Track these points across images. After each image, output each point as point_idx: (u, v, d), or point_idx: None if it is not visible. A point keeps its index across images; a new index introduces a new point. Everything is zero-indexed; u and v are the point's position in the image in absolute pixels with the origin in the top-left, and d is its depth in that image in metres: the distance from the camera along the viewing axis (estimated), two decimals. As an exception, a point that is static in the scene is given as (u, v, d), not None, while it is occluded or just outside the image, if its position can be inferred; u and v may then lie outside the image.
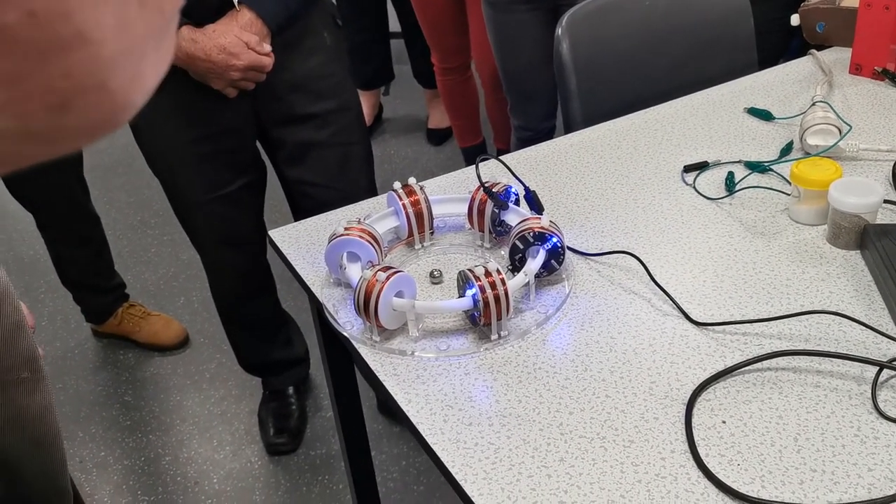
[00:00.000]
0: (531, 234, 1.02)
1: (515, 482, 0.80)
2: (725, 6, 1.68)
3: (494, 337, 0.96)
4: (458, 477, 0.81)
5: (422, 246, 1.15)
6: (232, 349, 1.99)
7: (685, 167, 1.27)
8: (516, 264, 1.04)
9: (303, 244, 1.18)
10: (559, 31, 1.55)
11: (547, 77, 2.01)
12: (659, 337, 0.96)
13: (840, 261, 1.05)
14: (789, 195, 1.15)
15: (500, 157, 1.29)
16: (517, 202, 1.13)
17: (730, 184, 1.21)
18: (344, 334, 1.01)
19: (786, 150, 1.29)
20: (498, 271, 0.95)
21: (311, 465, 1.96)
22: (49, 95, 0.26)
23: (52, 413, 1.07)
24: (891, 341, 0.92)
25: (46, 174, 1.98)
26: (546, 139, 1.43)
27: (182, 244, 2.64)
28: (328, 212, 1.26)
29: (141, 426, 2.10)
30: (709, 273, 1.05)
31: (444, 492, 1.85)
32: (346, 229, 1.05)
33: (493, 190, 1.10)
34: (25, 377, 1.01)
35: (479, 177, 1.11)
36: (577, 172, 1.30)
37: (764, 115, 1.39)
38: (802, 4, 1.61)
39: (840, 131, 1.24)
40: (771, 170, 1.25)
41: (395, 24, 3.24)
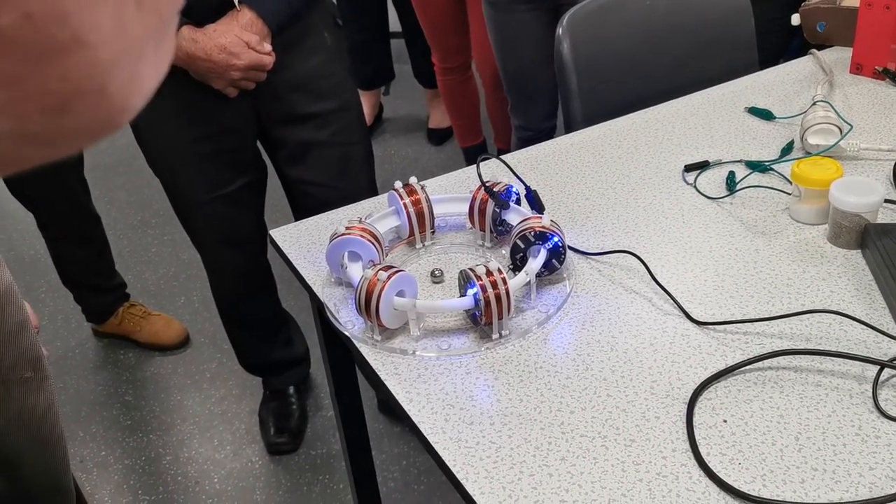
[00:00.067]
0: (532, 234, 1.02)
1: (517, 481, 0.80)
2: (726, 6, 1.68)
3: (495, 336, 0.96)
4: (460, 476, 0.81)
5: (423, 245, 1.15)
6: (232, 349, 1.99)
7: (686, 167, 1.27)
8: (517, 263, 1.04)
9: (304, 244, 1.18)
10: (560, 31, 1.55)
11: (548, 77, 2.01)
12: (660, 336, 0.96)
13: (841, 260, 1.06)
14: (790, 194, 1.15)
15: (501, 157, 1.29)
16: (518, 201, 1.13)
17: (730, 183, 1.21)
18: (345, 333, 1.01)
19: (786, 150, 1.29)
20: (499, 270, 0.95)
21: (312, 465, 1.96)
22: (46, 97, 0.26)
23: (56, 412, 1.07)
24: (892, 340, 0.92)
25: (47, 173, 1.98)
26: (547, 139, 1.43)
27: (183, 244, 2.64)
28: (329, 211, 1.26)
29: (141, 426, 2.10)
30: (710, 272, 1.05)
31: (445, 491, 1.85)
32: (348, 228, 1.05)
33: (494, 189, 1.11)
34: (29, 376, 1.01)
35: (481, 176, 1.11)
36: (578, 172, 1.30)
37: (765, 115, 1.39)
38: (803, 4, 1.61)
39: (841, 131, 1.25)
40: (772, 169, 1.25)
41: (396, 24, 3.23)
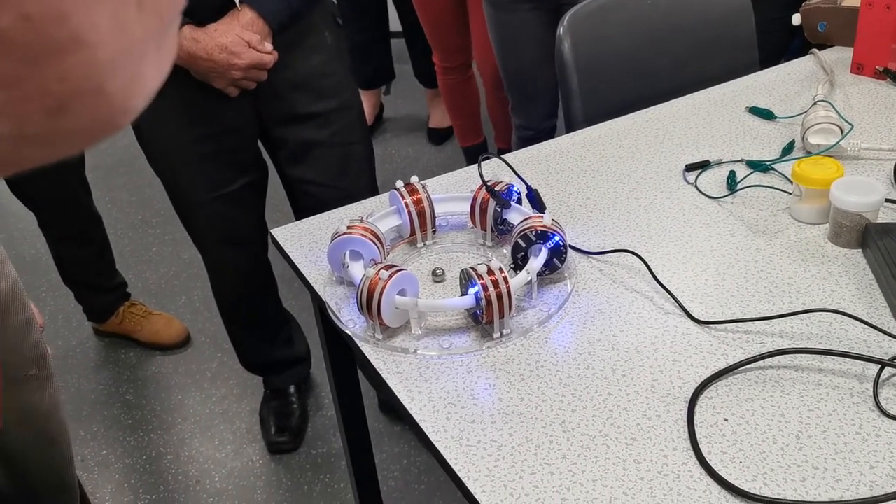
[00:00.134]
0: (533, 233, 1.02)
1: (518, 479, 0.80)
2: (726, 6, 1.68)
3: (497, 335, 0.96)
4: (462, 474, 0.81)
5: (424, 244, 1.15)
6: (233, 348, 2.00)
7: (687, 166, 1.27)
8: (518, 263, 1.04)
9: (305, 243, 1.18)
10: (561, 31, 1.55)
11: (548, 76, 2.01)
12: (661, 335, 0.96)
13: (841, 259, 1.06)
14: (791, 194, 1.15)
15: (502, 156, 1.29)
16: (519, 201, 1.13)
17: (731, 183, 1.21)
18: (346, 332, 1.01)
19: (787, 150, 1.29)
20: (500, 270, 0.96)
21: (313, 464, 1.96)
22: (46, 98, 0.26)
23: (60, 410, 1.08)
24: (892, 339, 0.92)
25: (49, 174, 1.98)
26: (547, 138, 1.43)
27: (183, 243, 2.65)
28: (330, 210, 1.26)
29: (142, 425, 2.10)
30: (711, 271, 1.05)
31: (446, 490, 1.85)
32: (349, 228, 1.06)
33: (496, 188, 1.11)
34: (34, 374, 1.02)
35: (482, 175, 1.11)
36: (579, 171, 1.30)
37: (765, 115, 1.39)
38: (804, 4, 1.61)
39: (841, 130, 1.25)
40: (772, 169, 1.25)
41: (396, 24, 3.23)
